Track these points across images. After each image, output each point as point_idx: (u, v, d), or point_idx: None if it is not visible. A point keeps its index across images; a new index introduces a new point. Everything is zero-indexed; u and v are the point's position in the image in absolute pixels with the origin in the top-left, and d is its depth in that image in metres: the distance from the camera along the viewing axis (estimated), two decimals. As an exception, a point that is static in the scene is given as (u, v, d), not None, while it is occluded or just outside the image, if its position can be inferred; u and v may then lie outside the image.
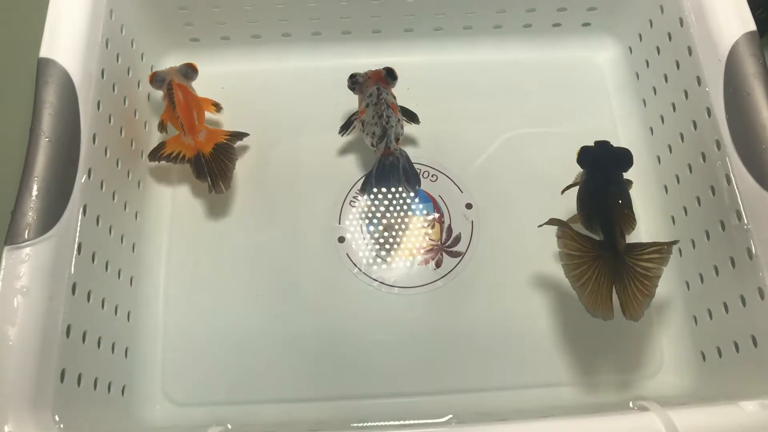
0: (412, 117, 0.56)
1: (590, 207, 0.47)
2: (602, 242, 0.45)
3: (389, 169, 0.52)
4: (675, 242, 0.44)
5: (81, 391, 0.42)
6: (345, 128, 0.56)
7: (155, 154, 0.53)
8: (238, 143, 0.55)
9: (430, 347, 0.51)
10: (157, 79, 0.54)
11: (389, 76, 0.54)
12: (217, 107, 0.56)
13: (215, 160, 0.52)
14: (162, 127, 0.55)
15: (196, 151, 0.52)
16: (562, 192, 0.50)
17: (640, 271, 0.44)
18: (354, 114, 0.56)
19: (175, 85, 0.53)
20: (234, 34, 0.60)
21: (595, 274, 0.44)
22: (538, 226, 0.46)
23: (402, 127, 0.54)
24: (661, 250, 0.44)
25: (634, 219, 0.46)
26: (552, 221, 0.45)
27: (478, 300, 0.53)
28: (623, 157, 0.47)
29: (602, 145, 0.48)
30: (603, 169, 0.47)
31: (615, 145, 0.49)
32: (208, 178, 0.51)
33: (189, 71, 0.54)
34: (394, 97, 0.55)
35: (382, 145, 0.52)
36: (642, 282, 0.44)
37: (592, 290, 0.43)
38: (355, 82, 0.54)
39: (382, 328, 0.52)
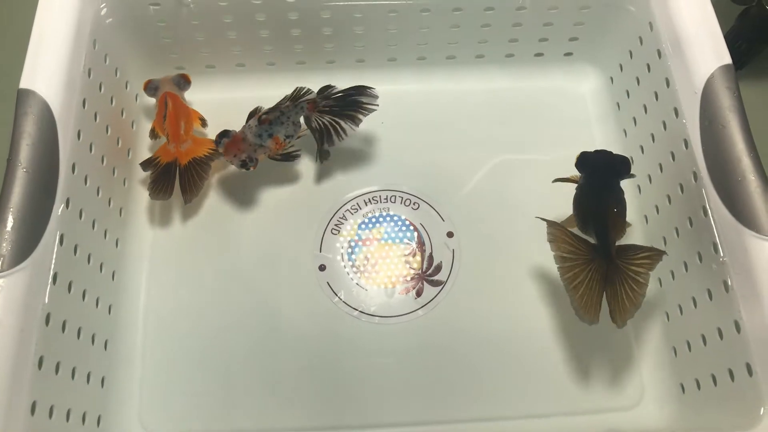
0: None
1: (586, 211, 0.47)
2: (596, 246, 0.46)
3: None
4: (663, 252, 0.45)
5: (53, 423, 0.42)
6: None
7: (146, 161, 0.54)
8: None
9: (410, 377, 0.51)
10: (151, 87, 0.56)
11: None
12: (203, 122, 0.58)
13: (187, 172, 0.53)
14: (153, 134, 0.56)
15: (173, 159, 0.53)
16: (554, 181, 0.50)
17: (631, 275, 0.44)
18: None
19: (167, 95, 0.55)
20: (219, 62, 0.60)
21: (587, 278, 0.44)
22: (536, 217, 0.46)
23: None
24: (651, 256, 0.45)
25: (625, 226, 0.47)
26: (550, 223, 0.46)
27: (457, 330, 0.53)
28: (621, 165, 0.48)
29: (601, 152, 0.49)
30: (600, 174, 0.47)
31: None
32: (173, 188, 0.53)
33: (182, 82, 0.56)
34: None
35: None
36: (632, 287, 0.44)
37: (583, 294, 0.44)
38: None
39: (362, 357, 0.52)
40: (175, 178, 0.53)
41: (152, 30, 0.56)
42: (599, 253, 0.45)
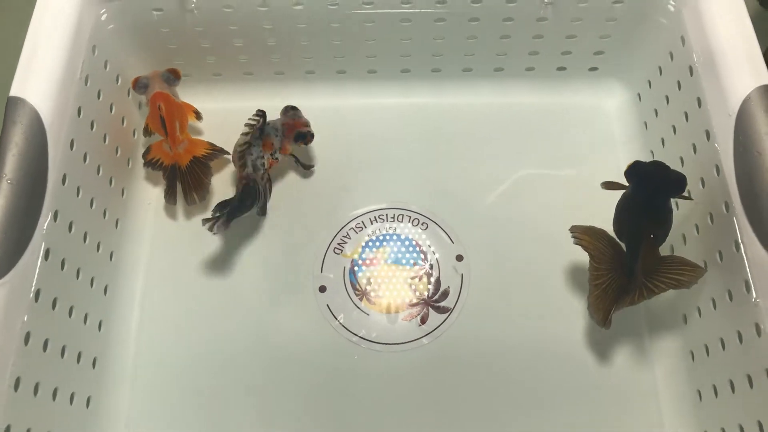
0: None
1: (623, 224, 0.46)
2: (624, 257, 0.45)
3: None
4: (702, 271, 0.43)
5: (27, 449, 0.40)
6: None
7: (145, 159, 0.54)
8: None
9: (411, 409, 0.48)
10: (140, 85, 0.54)
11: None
12: (198, 115, 0.56)
13: (190, 173, 0.53)
14: (147, 131, 0.55)
15: (173, 162, 0.53)
16: (602, 185, 0.46)
17: (650, 287, 0.43)
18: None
19: (158, 96, 0.53)
20: (225, 70, 0.58)
21: (606, 283, 0.44)
22: (570, 229, 0.46)
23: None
24: (680, 280, 0.43)
25: (659, 257, 0.45)
26: (575, 228, 0.46)
27: (464, 361, 0.49)
28: (674, 182, 0.43)
29: (656, 164, 0.44)
30: (648, 190, 0.44)
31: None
32: (178, 189, 0.53)
33: (171, 77, 0.54)
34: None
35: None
36: (642, 294, 0.43)
37: (599, 295, 0.44)
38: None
39: (361, 386, 0.49)
40: (177, 181, 0.53)
41: (156, 36, 0.54)
42: (624, 267, 0.44)
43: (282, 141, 0.53)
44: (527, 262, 0.52)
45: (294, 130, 0.54)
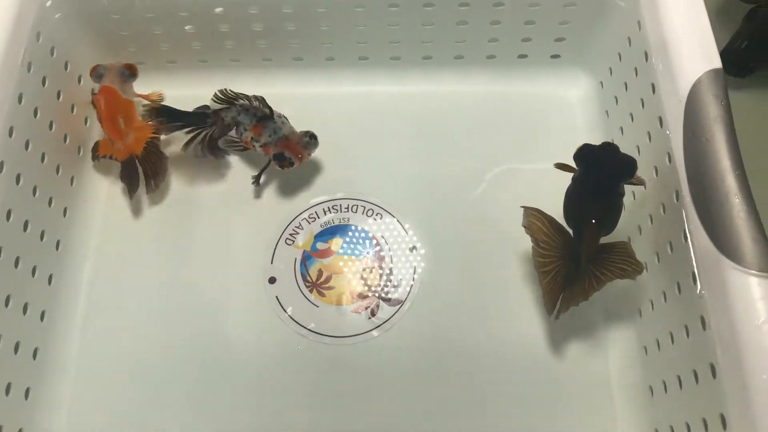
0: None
1: (569, 209, 0.44)
2: (572, 243, 0.44)
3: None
4: (641, 268, 0.42)
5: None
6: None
7: (93, 154, 0.54)
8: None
9: (359, 402, 0.47)
10: (96, 74, 0.53)
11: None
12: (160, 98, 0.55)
13: (147, 160, 0.52)
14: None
15: (128, 155, 0.52)
16: (555, 165, 0.44)
17: (597, 274, 0.42)
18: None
19: (103, 91, 0.52)
20: (179, 57, 0.57)
21: (554, 271, 0.43)
22: (521, 206, 0.44)
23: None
24: (626, 270, 0.42)
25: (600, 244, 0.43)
26: (529, 209, 0.44)
27: (414, 354, 0.48)
28: (623, 166, 0.41)
29: (605, 147, 0.42)
30: (596, 174, 0.42)
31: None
32: (140, 179, 0.52)
33: (126, 73, 0.53)
34: None
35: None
36: (591, 284, 0.42)
37: (549, 282, 0.43)
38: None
39: (308, 380, 0.48)
40: (138, 170, 0.52)
41: (106, 23, 0.53)
42: (571, 253, 0.43)
43: (269, 144, 0.51)
44: (482, 253, 0.51)
45: (283, 149, 0.51)
